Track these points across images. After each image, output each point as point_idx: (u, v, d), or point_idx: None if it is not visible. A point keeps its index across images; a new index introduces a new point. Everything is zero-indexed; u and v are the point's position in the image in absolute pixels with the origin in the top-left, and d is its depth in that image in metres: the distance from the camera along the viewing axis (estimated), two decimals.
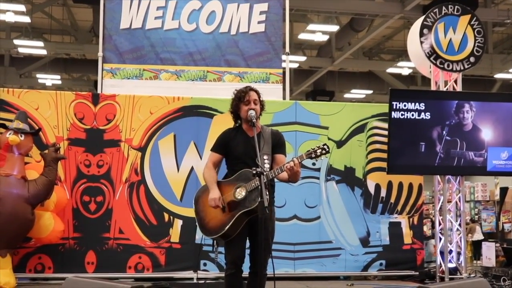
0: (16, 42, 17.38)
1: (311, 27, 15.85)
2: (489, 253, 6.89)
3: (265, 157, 4.14)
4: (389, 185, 7.14)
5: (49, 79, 20.31)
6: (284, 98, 7.45)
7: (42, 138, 6.49)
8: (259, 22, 7.40)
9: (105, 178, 6.61)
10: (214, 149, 4.28)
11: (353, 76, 20.09)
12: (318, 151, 4.06)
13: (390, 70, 18.38)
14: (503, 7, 14.76)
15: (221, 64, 7.34)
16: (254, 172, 3.78)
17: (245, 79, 7.30)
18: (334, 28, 16.14)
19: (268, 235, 4.01)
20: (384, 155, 6.86)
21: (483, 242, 7.99)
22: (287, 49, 7.48)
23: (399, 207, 7.16)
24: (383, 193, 7.14)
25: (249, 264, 4.05)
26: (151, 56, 7.23)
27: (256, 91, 4.35)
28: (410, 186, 7.19)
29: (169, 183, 6.70)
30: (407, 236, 7.16)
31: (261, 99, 4.38)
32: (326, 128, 7.07)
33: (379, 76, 19.32)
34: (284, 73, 7.43)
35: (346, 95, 20.50)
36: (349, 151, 7.11)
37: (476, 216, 12.85)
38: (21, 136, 6.04)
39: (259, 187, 3.84)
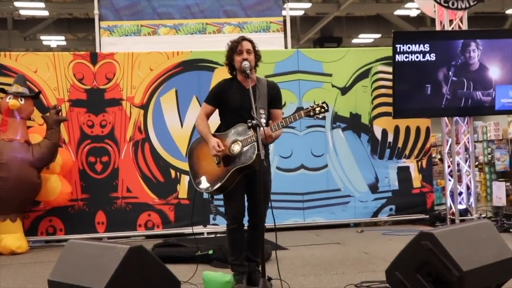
0: (17, 4, 17.18)
1: None
2: (500, 192, 6.81)
3: (261, 111, 4.05)
4: (396, 129, 7.05)
5: (54, 40, 20.14)
6: (286, 47, 7.30)
7: (43, 101, 6.44)
8: None
9: (109, 137, 6.58)
10: (208, 100, 4.18)
11: (361, 20, 19.69)
12: (317, 109, 3.99)
13: (398, 12, 17.97)
14: None
15: (220, 16, 7.19)
16: (250, 124, 3.70)
17: (245, 29, 7.16)
18: None
19: (267, 188, 3.97)
20: (390, 100, 6.73)
21: (493, 182, 7.91)
22: None
23: (407, 151, 7.09)
24: (390, 138, 7.05)
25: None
26: (148, 11, 7.09)
27: (250, 41, 4.22)
28: (418, 129, 7.10)
29: (173, 139, 6.66)
30: (416, 180, 7.10)
31: (256, 49, 4.25)
32: (330, 75, 6.94)
33: (387, 19, 18.92)
34: (284, 21, 7.26)
35: (354, 40, 20.14)
36: (354, 97, 6.99)
37: (489, 156, 12.74)
38: (21, 100, 6.00)
39: (255, 142, 3.79)
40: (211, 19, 7.15)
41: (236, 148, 3.96)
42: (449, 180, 6.92)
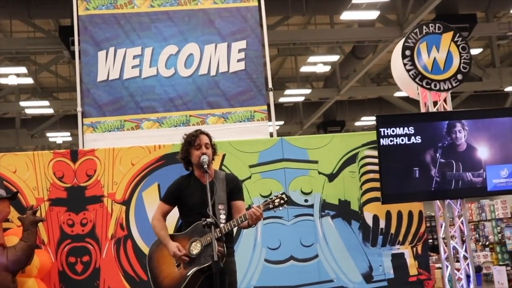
0: (23, 104, 17.55)
1: (312, 59, 15.71)
2: (501, 277, 6.48)
3: (220, 206, 3.91)
4: (388, 215, 6.79)
5: (59, 136, 20.43)
6: (271, 135, 7.20)
7: (22, 201, 6.32)
8: (238, 60, 7.21)
9: (90, 236, 6.39)
10: (164, 199, 4.06)
11: (363, 103, 19.85)
12: (276, 201, 3.84)
13: (399, 94, 18.07)
14: (505, 20, 14.51)
15: (204, 107, 7.14)
16: (204, 223, 3.53)
17: (229, 119, 7.10)
18: (335, 58, 15.97)
19: None
20: (379, 185, 6.54)
21: (493, 267, 7.56)
22: (270, 85, 7.26)
23: (400, 237, 6.79)
24: (382, 224, 6.78)
25: None
26: (131, 106, 7.07)
27: (207, 134, 4.16)
28: (410, 214, 6.83)
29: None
30: (412, 267, 6.77)
31: (212, 142, 4.16)
32: (316, 162, 6.79)
33: (389, 101, 19.05)
34: (269, 109, 7.20)
35: (357, 123, 20.25)
36: (342, 183, 6.80)
37: (500, 235, 12.35)
38: None
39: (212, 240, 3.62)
40: (195, 110, 7.10)
41: (196, 247, 3.77)
42: (446, 266, 6.61)
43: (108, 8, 7.19)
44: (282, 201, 3.88)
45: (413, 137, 6.36)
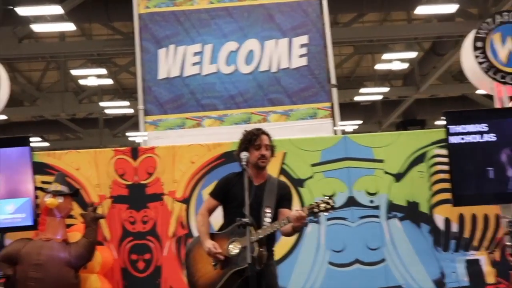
0: (103, 104, 18.00)
1: (387, 56, 15.24)
2: None
3: (267, 210, 3.74)
4: (461, 218, 6.37)
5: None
6: (335, 133, 6.94)
7: (85, 198, 6.37)
8: (300, 56, 7.02)
9: (151, 234, 6.35)
10: (213, 194, 3.91)
11: (444, 102, 19.07)
12: (322, 205, 3.61)
13: (482, 91, 17.23)
14: None
15: (265, 104, 6.99)
16: (239, 223, 3.34)
17: (292, 117, 6.91)
18: (413, 55, 15.41)
19: None
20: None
21: None
22: (333, 81, 6.99)
23: (475, 243, 6.35)
24: (454, 227, 6.36)
25: None
26: (192, 104, 7.03)
27: (268, 135, 3.97)
28: (486, 217, 6.37)
29: None
30: (490, 274, 6.31)
31: (272, 143, 3.98)
32: (381, 161, 6.46)
33: (472, 99, 18.21)
34: (332, 106, 6.95)
35: (438, 122, 19.47)
36: (409, 184, 6.43)
37: None
38: (59, 199, 5.95)
39: (254, 241, 3.44)
40: (256, 108, 6.97)
41: (235, 248, 3.59)
42: None
43: (167, 5, 7.18)
44: (328, 206, 3.66)
45: (486, 135, 5.91)
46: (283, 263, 6.17)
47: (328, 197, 3.70)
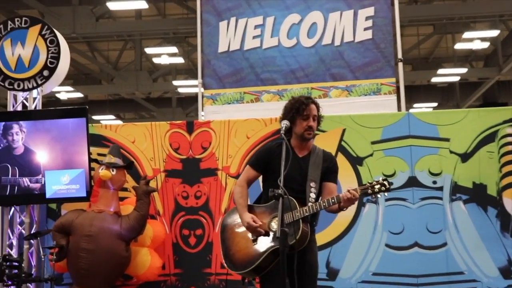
0: (175, 83, 18.11)
1: (467, 35, 14.48)
2: None
3: (311, 184, 3.51)
4: None
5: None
6: (399, 110, 6.58)
7: (139, 171, 6.34)
8: (365, 29, 6.68)
9: (204, 209, 6.26)
10: (252, 163, 3.70)
11: None
12: (376, 187, 3.35)
13: None
14: None
15: (326, 79, 6.71)
16: (272, 194, 3.13)
17: (353, 92, 6.60)
18: (494, 33, 14.57)
19: (312, 271, 3.33)
20: None
21: None
22: (400, 55, 6.62)
23: None
24: None
25: None
26: (251, 78, 6.84)
27: (317, 105, 3.73)
28: None
29: None
30: None
31: (319, 113, 3.74)
32: (447, 140, 6.06)
33: None
34: (397, 82, 6.59)
35: None
36: (477, 164, 6.01)
37: None
38: (112, 171, 5.93)
39: (299, 219, 3.23)
40: (317, 83, 6.70)
41: (276, 225, 3.39)
42: None
43: None
44: (383, 188, 3.40)
45: None
46: (338, 244, 5.96)
47: (383, 178, 3.45)
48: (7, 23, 6.54)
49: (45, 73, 6.38)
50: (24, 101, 6.51)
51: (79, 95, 19.04)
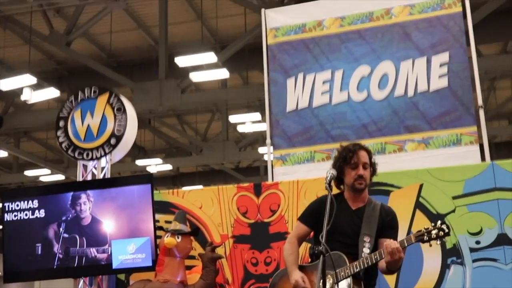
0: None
1: None
2: None
3: (365, 238, 3.17)
4: None
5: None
6: (483, 160, 6.01)
7: (207, 238, 6.09)
8: (440, 77, 6.23)
9: None
10: (302, 218, 3.41)
11: None
12: (433, 232, 2.95)
13: None
14: None
15: (401, 132, 6.27)
16: (312, 251, 2.79)
17: (431, 145, 6.12)
18: None
19: None
20: None
21: None
22: (480, 102, 6.10)
23: None
24: None
25: None
26: (321, 135, 6.51)
27: (368, 151, 3.40)
28: None
29: None
30: None
31: (372, 161, 3.39)
32: None
33: None
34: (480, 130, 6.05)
35: None
36: None
37: None
38: (177, 238, 5.72)
39: (351, 276, 2.87)
40: (391, 136, 6.27)
41: (327, 283, 3.02)
42: None
43: (296, 33, 6.82)
44: (441, 233, 3.01)
45: None
46: None
47: (441, 222, 3.04)
48: (78, 94, 6.65)
49: (112, 141, 6.38)
50: (94, 170, 6.50)
51: (169, 167, 19.35)
